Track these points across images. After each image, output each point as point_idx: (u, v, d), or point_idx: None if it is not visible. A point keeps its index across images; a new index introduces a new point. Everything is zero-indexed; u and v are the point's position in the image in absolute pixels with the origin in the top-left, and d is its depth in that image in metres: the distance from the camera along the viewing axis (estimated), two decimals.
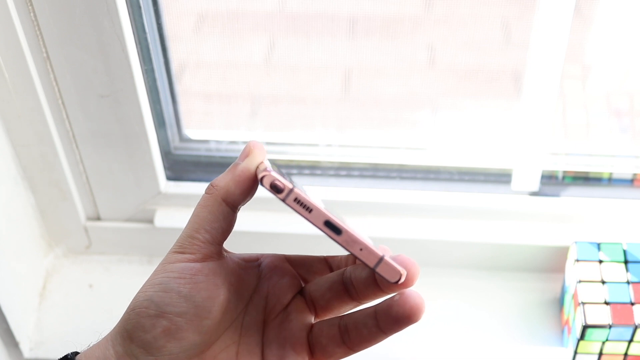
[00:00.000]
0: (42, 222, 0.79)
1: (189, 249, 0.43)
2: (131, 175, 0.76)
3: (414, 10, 0.73)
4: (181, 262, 0.42)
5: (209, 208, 0.43)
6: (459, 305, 0.78)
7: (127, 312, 0.43)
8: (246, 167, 0.43)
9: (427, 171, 0.80)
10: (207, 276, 0.42)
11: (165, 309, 0.41)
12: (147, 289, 0.43)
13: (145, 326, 0.41)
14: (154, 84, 0.73)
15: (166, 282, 0.42)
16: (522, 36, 0.72)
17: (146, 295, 0.42)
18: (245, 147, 0.44)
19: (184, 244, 0.43)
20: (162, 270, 0.43)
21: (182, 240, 0.43)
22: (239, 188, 0.43)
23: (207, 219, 0.43)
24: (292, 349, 0.45)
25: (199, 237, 0.43)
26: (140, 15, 0.68)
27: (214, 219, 0.43)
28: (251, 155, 0.44)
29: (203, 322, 0.42)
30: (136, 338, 0.42)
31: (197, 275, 0.42)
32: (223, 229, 0.43)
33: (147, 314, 0.42)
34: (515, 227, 0.78)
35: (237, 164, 0.44)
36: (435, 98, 0.81)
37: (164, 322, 0.41)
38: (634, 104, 0.79)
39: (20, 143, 0.72)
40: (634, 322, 0.67)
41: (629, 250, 0.72)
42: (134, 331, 0.42)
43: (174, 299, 0.41)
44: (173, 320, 0.41)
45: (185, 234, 0.43)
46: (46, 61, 0.67)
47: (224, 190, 0.43)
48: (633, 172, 0.79)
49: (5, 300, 0.71)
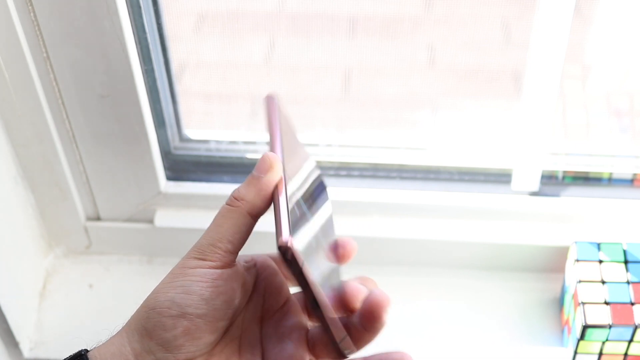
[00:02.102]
0: (42, 222, 0.79)
1: (210, 257, 0.45)
2: (131, 175, 0.76)
3: (414, 10, 0.73)
4: (202, 269, 0.44)
5: (234, 220, 0.46)
6: (459, 305, 0.78)
7: (146, 310, 0.44)
8: (270, 182, 0.46)
9: (427, 171, 0.80)
10: (226, 281, 0.45)
11: (187, 310, 0.43)
12: (168, 290, 0.44)
13: (166, 325, 0.43)
14: (154, 84, 0.73)
15: (188, 285, 0.44)
16: (522, 36, 0.72)
17: (167, 296, 0.44)
18: (263, 160, 0.46)
19: (206, 251, 0.45)
20: (183, 274, 0.45)
21: (204, 247, 0.45)
22: (264, 202, 0.46)
23: (230, 231, 0.45)
24: (290, 341, 0.47)
25: (221, 247, 0.45)
26: (140, 15, 0.68)
27: (237, 230, 0.45)
28: (273, 170, 0.46)
29: (218, 323, 0.45)
30: (156, 336, 0.44)
31: (217, 280, 0.44)
32: (243, 239, 0.46)
33: (169, 313, 0.43)
34: (515, 227, 0.78)
35: (259, 177, 0.46)
36: (435, 98, 0.81)
37: (185, 323, 0.43)
38: (634, 104, 0.79)
39: (20, 143, 0.72)
40: (634, 322, 0.67)
41: (629, 250, 0.72)
42: (155, 329, 0.44)
43: (195, 301, 0.43)
44: (194, 321, 0.43)
45: (207, 242, 0.45)
46: (46, 61, 0.67)
47: (250, 205, 0.46)
48: (633, 172, 0.79)
49: (5, 300, 0.71)
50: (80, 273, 0.82)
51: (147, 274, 0.82)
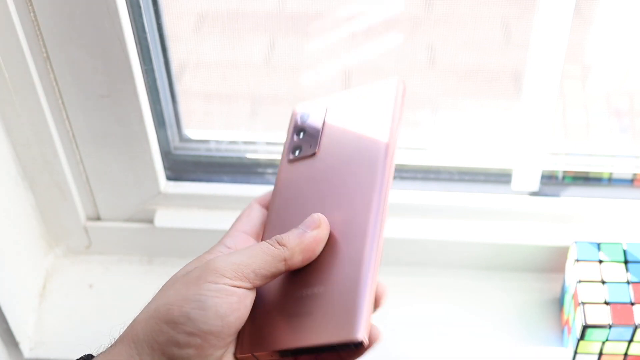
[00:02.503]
0: (42, 222, 0.79)
1: (227, 273, 0.44)
2: (131, 175, 0.76)
3: (414, 10, 0.73)
4: (218, 284, 0.44)
5: (267, 256, 0.45)
6: (459, 305, 0.78)
7: (157, 322, 0.43)
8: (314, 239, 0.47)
9: (427, 171, 0.80)
10: (240, 297, 0.44)
11: (202, 327, 0.43)
12: (183, 304, 0.43)
13: (180, 342, 0.43)
14: (154, 84, 0.73)
15: (204, 300, 0.43)
16: (522, 36, 0.72)
17: (182, 310, 0.43)
18: (312, 218, 0.47)
19: (226, 268, 0.45)
20: (199, 288, 0.44)
21: (228, 265, 0.45)
22: (302, 255, 0.46)
23: (258, 263, 0.45)
24: None
25: (242, 271, 0.45)
26: (140, 15, 0.68)
27: (267, 268, 0.45)
28: (320, 228, 0.47)
29: (228, 339, 0.44)
30: (168, 352, 0.43)
31: (231, 296, 0.44)
32: (267, 279, 0.46)
33: (184, 330, 0.43)
34: (515, 227, 0.78)
35: (306, 232, 0.47)
36: (435, 98, 0.81)
37: (198, 341, 0.43)
38: (634, 104, 0.79)
39: (20, 143, 0.72)
40: (634, 322, 0.67)
41: (629, 250, 0.72)
42: (167, 345, 0.43)
43: (210, 318, 0.43)
44: (207, 339, 0.43)
45: (234, 262, 0.45)
46: (46, 61, 0.67)
47: (289, 253, 0.46)
48: (633, 172, 0.79)
49: (5, 300, 0.71)
50: (80, 273, 0.82)
51: (147, 274, 0.82)
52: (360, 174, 0.49)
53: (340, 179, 0.49)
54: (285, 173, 0.53)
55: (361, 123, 0.51)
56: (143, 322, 0.44)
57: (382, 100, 0.51)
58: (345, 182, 0.49)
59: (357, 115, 0.52)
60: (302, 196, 0.50)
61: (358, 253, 0.46)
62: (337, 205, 0.48)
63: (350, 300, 0.44)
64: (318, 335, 0.44)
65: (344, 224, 0.47)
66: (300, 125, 0.54)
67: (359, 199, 0.48)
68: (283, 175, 0.53)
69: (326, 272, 0.46)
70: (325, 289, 0.45)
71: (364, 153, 0.49)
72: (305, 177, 0.51)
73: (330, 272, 0.46)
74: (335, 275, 0.46)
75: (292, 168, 0.53)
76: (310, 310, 0.45)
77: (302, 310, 0.45)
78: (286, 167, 0.53)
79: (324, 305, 0.45)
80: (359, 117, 0.51)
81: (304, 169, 0.52)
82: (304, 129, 0.54)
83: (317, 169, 0.51)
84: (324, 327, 0.44)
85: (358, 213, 0.47)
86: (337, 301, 0.45)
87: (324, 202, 0.49)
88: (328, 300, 0.45)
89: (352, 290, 0.45)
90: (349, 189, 0.48)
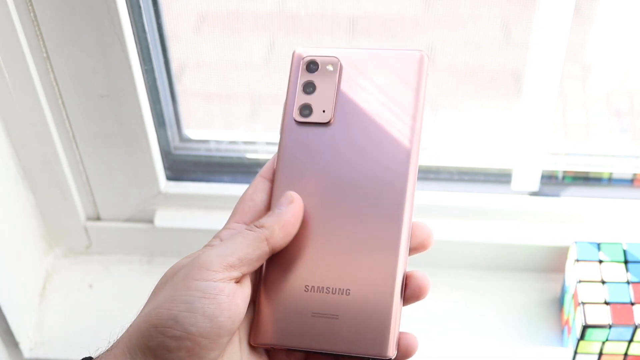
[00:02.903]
0: (42, 222, 0.79)
1: (214, 267, 0.44)
2: (131, 175, 0.76)
3: (414, 10, 0.73)
4: (205, 281, 0.43)
5: (249, 241, 0.45)
6: (459, 305, 0.78)
7: (147, 327, 0.43)
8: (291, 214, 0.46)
9: (427, 171, 0.80)
10: (229, 296, 0.43)
11: (190, 330, 0.42)
12: (171, 306, 0.43)
13: (170, 346, 0.42)
14: (154, 84, 0.73)
15: (191, 301, 0.43)
16: (522, 36, 0.72)
17: (170, 314, 0.43)
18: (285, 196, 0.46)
19: (213, 261, 0.44)
20: (186, 288, 0.44)
21: (212, 258, 0.44)
22: (282, 232, 0.45)
23: (242, 249, 0.45)
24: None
25: (228, 261, 0.44)
26: (140, 15, 0.68)
27: (251, 251, 0.45)
28: (294, 204, 0.46)
29: (222, 339, 0.43)
30: (160, 356, 0.43)
31: (219, 295, 0.43)
32: (254, 263, 0.45)
33: (172, 334, 0.42)
34: (515, 227, 0.78)
35: (282, 211, 0.46)
36: (435, 98, 0.81)
37: (188, 344, 0.42)
38: (634, 104, 0.79)
39: (20, 143, 0.72)
40: (634, 322, 0.67)
41: (629, 250, 0.72)
42: (158, 350, 0.43)
43: (199, 320, 0.42)
44: (197, 341, 0.42)
45: (218, 254, 0.45)
46: (46, 61, 0.67)
47: (269, 232, 0.45)
48: (633, 172, 0.79)
49: (5, 300, 0.71)
50: (80, 273, 0.82)
51: (147, 274, 0.82)
52: (388, 158, 0.45)
53: (362, 161, 0.46)
54: (292, 137, 0.47)
55: (384, 96, 0.46)
56: (136, 326, 0.44)
57: (407, 73, 0.46)
58: (369, 165, 0.45)
59: (378, 84, 0.47)
60: (316, 175, 0.46)
61: (390, 254, 0.45)
62: (360, 192, 0.45)
63: (380, 310, 0.43)
64: (345, 344, 0.44)
65: (369, 216, 0.45)
66: (308, 77, 0.48)
67: (387, 187, 0.45)
68: (289, 139, 0.47)
69: (352, 269, 0.45)
70: (352, 289, 0.44)
71: (389, 133, 0.45)
72: (318, 150, 0.47)
73: (358, 270, 0.44)
74: (364, 275, 0.44)
75: (301, 132, 0.47)
76: (337, 313, 0.44)
77: (329, 311, 0.44)
78: (293, 128, 0.47)
79: (353, 310, 0.44)
80: (380, 87, 0.46)
81: (315, 137, 0.47)
82: (314, 84, 0.47)
83: (333, 143, 0.46)
84: (352, 335, 0.44)
85: (386, 206, 0.45)
86: (366, 307, 0.44)
87: (343, 187, 0.45)
88: (357, 305, 0.44)
89: (383, 297, 0.44)
90: (374, 175, 0.45)
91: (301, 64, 0.48)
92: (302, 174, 0.46)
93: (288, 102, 0.48)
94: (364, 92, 0.47)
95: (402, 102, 0.46)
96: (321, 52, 0.48)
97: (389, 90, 0.46)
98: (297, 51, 0.48)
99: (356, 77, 0.47)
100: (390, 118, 0.46)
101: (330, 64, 0.47)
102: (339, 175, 0.46)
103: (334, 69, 0.47)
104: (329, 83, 0.47)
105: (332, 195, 0.46)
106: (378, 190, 0.45)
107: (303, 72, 0.48)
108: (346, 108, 0.46)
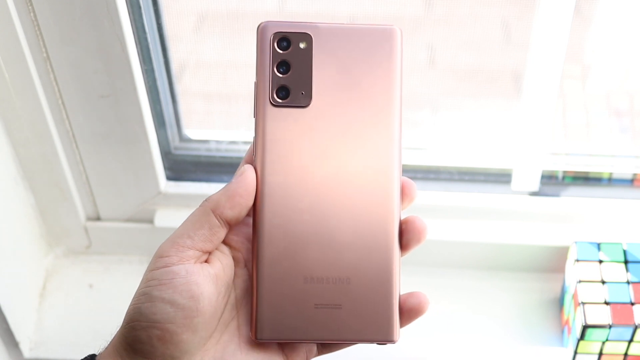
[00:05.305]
0: (42, 222, 0.79)
1: (167, 252, 0.45)
2: (131, 175, 0.76)
3: (414, 10, 0.73)
4: (161, 269, 0.44)
5: (195, 217, 0.46)
6: (459, 305, 0.78)
7: (124, 325, 0.44)
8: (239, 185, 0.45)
9: (427, 171, 0.80)
10: (185, 277, 0.44)
11: (154, 319, 0.43)
12: (136, 301, 0.44)
13: (141, 338, 0.43)
14: (154, 84, 0.73)
15: (149, 291, 0.44)
16: (522, 36, 0.72)
17: (135, 307, 0.44)
18: (239, 170, 0.46)
19: (166, 248, 0.45)
20: (145, 280, 0.45)
21: (165, 245, 0.45)
22: (229, 202, 0.45)
23: (190, 227, 0.45)
24: None
25: (179, 242, 0.45)
26: (140, 15, 0.68)
27: (199, 226, 0.45)
28: (243, 175, 0.46)
29: (193, 320, 0.44)
30: (138, 350, 0.44)
31: (175, 279, 0.44)
32: (206, 237, 0.45)
33: (140, 326, 0.43)
34: (515, 227, 0.78)
35: (230, 183, 0.46)
36: (435, 98, 0.81)
37: (157, 332, 0.43)
38: (634, 104, 0.79)
39: (20, 143, 0.72)
40: (634, 322, 0.67)
41: (629, 250, 0.72)
42: (134, 344, 0.44)
43: (159, 307, 0.43)
44: (164, 327, 0.43)
45: (170, 239, 0.45)
46: (46, 61, 0.67)
47: (214, 203, 0.45)
48: (633, 172, 0.79)
49: (5, 300, 0.71)
50: (80, 273, 0.82)
51: None
52: (372, 139, 0.45)
53: (346, 144, 0.45)
54: (271, 120, 0.45)
55: (361, 73, 0.45)
56: (121, 327, 0.45)
57: (382, 48, 0.45)
58: (354, 147, 0.45)
59: (354, 61, 0.45)
60: (301, 159, 0.45)
61: (384, 239, 0.45)
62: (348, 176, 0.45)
63: (382, 295, 0.44)
64: (351, 332, 0.44)
65: (359, 200, 0.45)
66: (281, 55, 0.45)
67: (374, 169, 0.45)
68: (268, 122, 0.45)
69: (350, 256, 0.45)
70: (352, 277, 0.45)
71: (370, 111, 0.45)
72: (300, 133, 0.45)
73: (355, 257, 0.45)
74: (362, 262, 0.45)
75: (279, 115, 0.45)
76: (340, 303, 0.44)
77: (332, 301, 0.45)
78: (270, 110, 0.46)
79: (355, 299, 0.44)
80: (356, 64, 0.45)
81: (295, 120, 0.45)
82: (287, 62, 0.45)
83: (314, 125, 0.45)
84: (357, 323, 0.44)
85: (375, 188, 0.45)
86: (368, 294, 0.44)
87: (330, 172, 0.45)
88: (358, 293, 0.44)
89: (383, 283, 0.44)
90: (360, 157, 0.45)
91: (270, 40, 0.45)
92: (287, 159, 0.45)
93: (261, 82, 0.46)
94: (340, 70, 0.45)
95: (380, 80, 0.45)
96: (290, 27, 0.45)
97: (365, 68, 0.45)
98: (264, 24, 0.46)
99: (331, 55, 0.45)
100: (370, 96, 0.45)
101: (302, 41, 0.45)
102: (325, 159, 0.45)
103: (307, 46, 0.45)
104: (303, 61, 0.45)
105: (320, 181, 0.45)
106: (366, 173, 0.45)
107: (274, 49, 0.45)
108: (323, 87, 0.45)
